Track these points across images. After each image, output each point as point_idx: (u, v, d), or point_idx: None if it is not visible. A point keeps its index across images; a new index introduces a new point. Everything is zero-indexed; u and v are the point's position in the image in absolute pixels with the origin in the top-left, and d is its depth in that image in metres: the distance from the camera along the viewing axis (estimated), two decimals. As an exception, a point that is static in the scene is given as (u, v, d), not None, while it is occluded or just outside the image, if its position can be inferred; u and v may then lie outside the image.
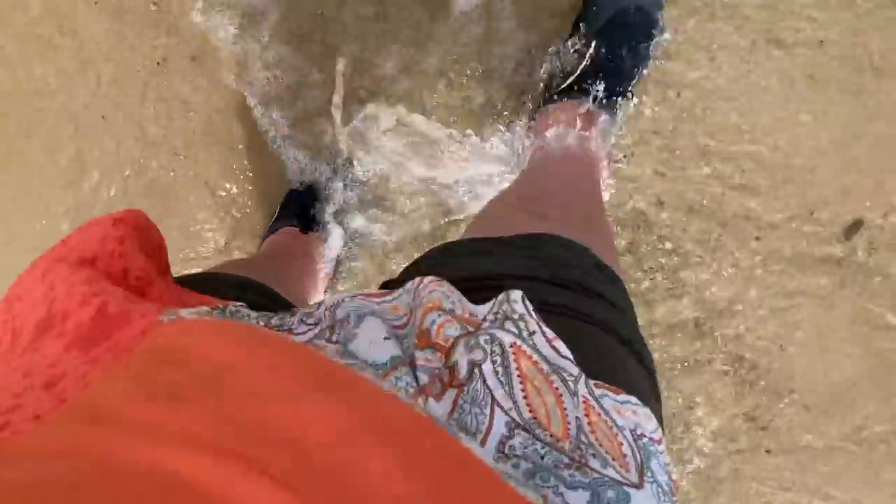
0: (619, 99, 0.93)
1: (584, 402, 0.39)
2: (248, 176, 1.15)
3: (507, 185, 1.05)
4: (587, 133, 0.90)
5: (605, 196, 1.03)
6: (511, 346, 0.39)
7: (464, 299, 0.43)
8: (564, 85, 0.94)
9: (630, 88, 0.94)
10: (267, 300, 0.62)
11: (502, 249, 0.55)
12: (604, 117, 0.92)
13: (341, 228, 1.14)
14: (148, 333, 0.36)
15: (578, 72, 0.92)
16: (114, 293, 0.39)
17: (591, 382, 0.40)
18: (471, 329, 0.40)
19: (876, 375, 1.05)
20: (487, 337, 0.39)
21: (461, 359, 0.38)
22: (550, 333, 0.41)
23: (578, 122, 0.90)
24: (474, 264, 0.52)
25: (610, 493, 0.36)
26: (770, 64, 0.99)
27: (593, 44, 0.93)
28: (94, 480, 0.25)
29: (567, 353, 0.40)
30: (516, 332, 0.40)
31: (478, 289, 0.46)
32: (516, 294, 0.42)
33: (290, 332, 0.45)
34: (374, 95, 1.07)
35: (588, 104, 0.91)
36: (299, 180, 1.13)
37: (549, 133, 0.92)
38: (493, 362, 0.38)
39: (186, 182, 1.16)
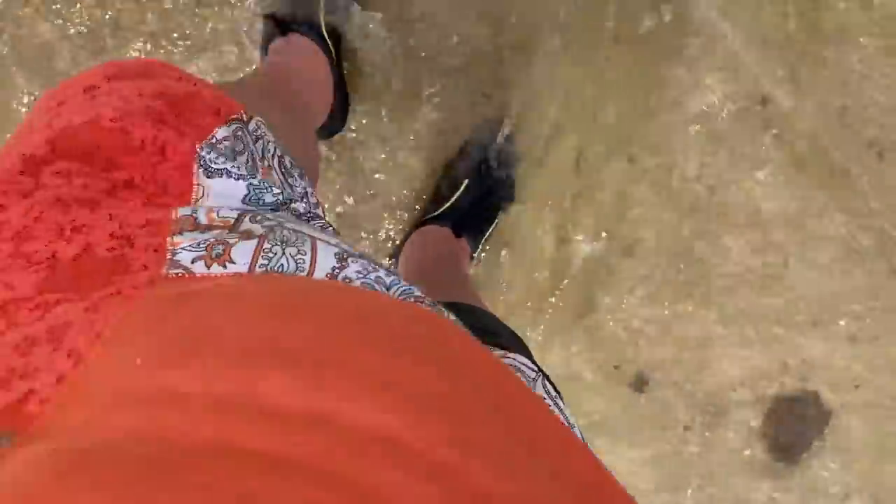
0: (477, 235, 1.13)
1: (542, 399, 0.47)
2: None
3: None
4: (453, 251, 1.08)
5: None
6: None
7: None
8: (436, 212, 1.11)
9: (485, 231, 1.14)
10: None
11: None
12: (465, 243, 1.10)
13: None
14: (153, 285, 0.32)
15: (449, 203, 1.11)
16: (100, 230, 0.34)
17: (549, 384, 0.49)
18: None
19: None
20: None
21: None
22: (506, 354, 0.51)
23: (445, 242, 1.08)
24: None
25: None
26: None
27: (465, 183, 1.11)
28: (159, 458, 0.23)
29: (524, 360, 0.50)
30: None
31: None
32: None
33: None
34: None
35: (449, 229, 1.09)
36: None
37: (421, 247, 1.09)
38: None
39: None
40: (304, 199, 0.49)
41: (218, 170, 0.39)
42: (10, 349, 0.30)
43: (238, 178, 0.40)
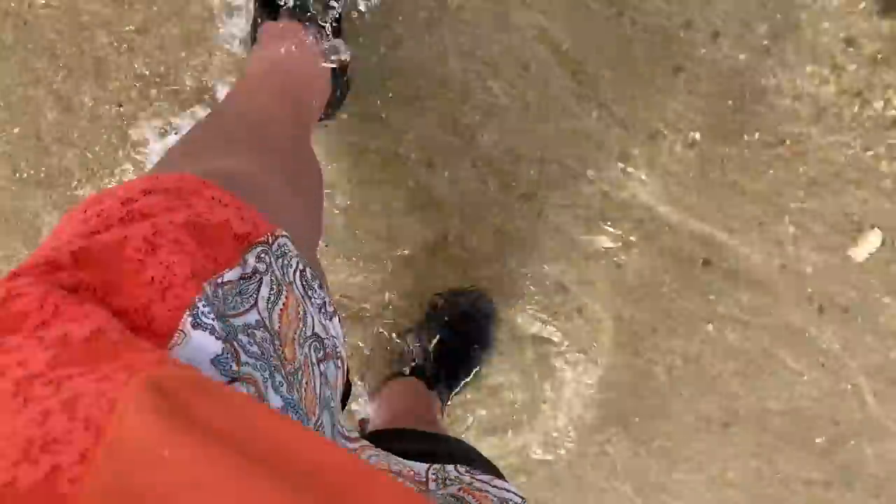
0: (451, 388, 1.14)
1: None
2: None
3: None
4: (425, 403, 1.09)
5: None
6: (461, 490, 0.52)
7: (400, 459, 0.55)
8: (409, 365, 1.13)
9: (456, 386, 1.15)
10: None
11: (425, 439, 0.77)
12: (436, 396, 1.11)
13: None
14: (163, 364, 0.34)
15: (420, 357, 1.13)
16: (110, 321, 0.36)
17: None
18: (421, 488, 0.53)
19: None
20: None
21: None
22: (492, 479, 0.55)
23: (416, 395, 1.10)
24: (405, 446, 0.69)
25: None
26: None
27: (437, 337, 1.13)
28: None
29: (509, 486, 0.54)
30: (462, 483, 0.54)
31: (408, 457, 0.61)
32: (449, 467, 0.56)
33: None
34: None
35: (421, 382, 1.10)
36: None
37: (391, 400, 1.11)
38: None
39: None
40: (322, 309, 0.52)
41: (205, 324, 0.41)
42: (26, 421, 0.31)
43: (218, 339, 0.41)
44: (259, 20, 0.92)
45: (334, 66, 0.92)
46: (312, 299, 0.51)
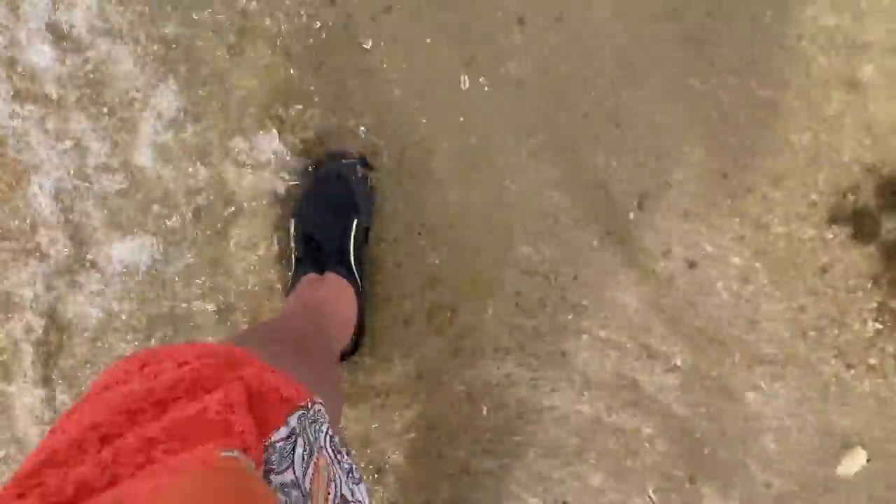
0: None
1: None
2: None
3: None
4: None
5: None
6: None
7: None
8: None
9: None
10: None
11: None
12: None
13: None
14: (206, 463, 0.42)
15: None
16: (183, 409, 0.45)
17: None
18: None
19: None
20: None
21: None
22: None
23: None
24: None
25: None
26: None
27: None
28: None
29: None
30: None
31: None
32: None
33: None
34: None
35: None
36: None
37: None
38: None
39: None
40: (350, 474, 0.58)
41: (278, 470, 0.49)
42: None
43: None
44: (299, 272, 1.06)
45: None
46: (341, 463, 0.57)
